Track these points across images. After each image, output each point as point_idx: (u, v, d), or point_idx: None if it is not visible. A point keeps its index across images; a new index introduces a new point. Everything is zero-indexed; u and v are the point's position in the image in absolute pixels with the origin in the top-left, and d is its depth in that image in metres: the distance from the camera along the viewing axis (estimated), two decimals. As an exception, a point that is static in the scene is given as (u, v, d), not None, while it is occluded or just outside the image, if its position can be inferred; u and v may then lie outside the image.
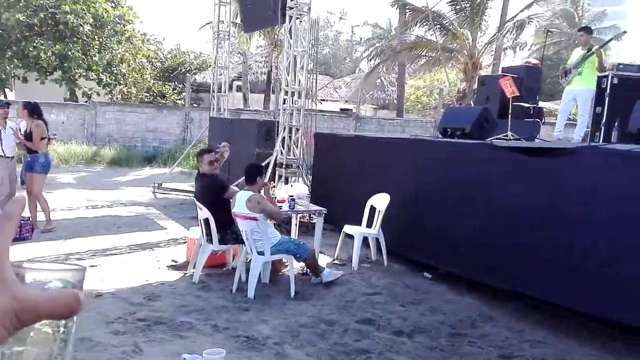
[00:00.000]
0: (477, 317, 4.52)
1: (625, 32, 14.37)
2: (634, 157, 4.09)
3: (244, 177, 5.40)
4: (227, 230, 5.22)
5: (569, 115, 7.78)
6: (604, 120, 8.14)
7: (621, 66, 8.81)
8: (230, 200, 5.25)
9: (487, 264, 5.08)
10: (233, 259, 5.57)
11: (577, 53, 7.56)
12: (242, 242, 5.03)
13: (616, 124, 6.86)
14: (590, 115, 7.48)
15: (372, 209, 6.13)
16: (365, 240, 6.08)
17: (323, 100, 23.17)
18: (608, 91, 8.24)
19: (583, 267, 4.21)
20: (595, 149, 4.62)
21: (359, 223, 6.19)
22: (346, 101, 25.20)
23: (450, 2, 16.76)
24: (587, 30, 7.83)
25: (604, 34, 23.97)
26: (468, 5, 16.61)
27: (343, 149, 7.99)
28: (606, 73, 8.67)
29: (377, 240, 6.03)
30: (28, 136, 6.54)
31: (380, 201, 6.03)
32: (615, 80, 8.28)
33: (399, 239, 6.10)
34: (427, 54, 17.53)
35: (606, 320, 4.15)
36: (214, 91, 11.50)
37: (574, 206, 4.36)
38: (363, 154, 7.37)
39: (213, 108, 11.53)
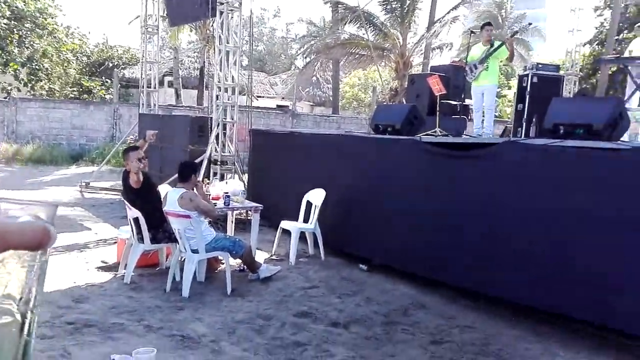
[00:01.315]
0: (410, 305, 4.68)
1: (530, 23, 15.42)
2: (549, 151, 4.38)
3: (176, 175, 5.29)
4: (159, 229, 5.09)
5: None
6: (525, 117, 8.64)
7: (540, 66, 9.38)
8: (161, 198, 5.13)
9: (416, 255, 5.27)
10: (166, 258, 5.45)
11: (479, 49, 7.59)
12: (175, 240, 4.93)
13: (534, 119, 7.29)
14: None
15: (309, 204, 6.19)
16: (302, 235, 6.12)
17: (259, 96, 23.02)
18: (528, 89, 8.75)
19: (501, 254, 4.47)
20: (515, 144, 4.89)
21: (296, 219, 6.23)
22: (282, 98, 25.17)
23: (381, 2, 17.13)
24: (491, 25, 7.98)
25: (525, 35, 25.37)
26: (398, 6, 17.04)
27: (279, 145, 8.00)
28: (526, 72, 9.21)
29: (314, 234, 6.10)
30: None
31: (316, 196, 6.09)
32: (535, 79, 8.82)
33: (335, 233, 6.20)
34: (360, 52, 17.83)
35: (525, 305, 4.42)
36: (143, 86, 11.15)
37: (496, 198, 4.62)
38: (299, 150, 7.42)
39: (143, 104, 11.18)
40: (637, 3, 18.06)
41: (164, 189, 5.71)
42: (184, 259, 4.91)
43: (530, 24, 15.90)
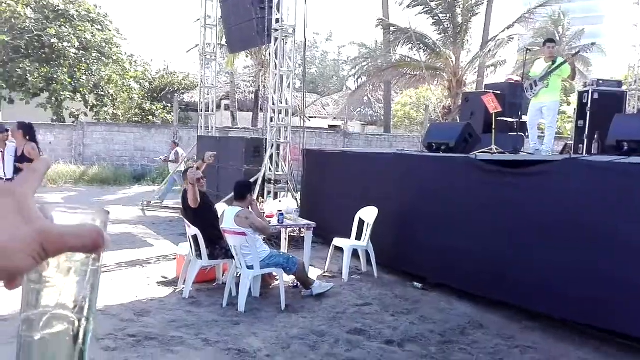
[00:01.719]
0: (467, 324, 4.57)
1: (594, 43, 14.84)
2: (612, 169, 4.22)
3: (232, 194, 5.44)
4: (216, 246, 5.24)
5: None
6: (586, 133, 8.35)
7: (601, 82, 9.07)
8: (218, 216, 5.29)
9: (473, 273, 5.15)
10: (223, 274, 5.59)
11: (541, 65, 7.34)
12: (232, 257, 5.05)
13: (596, 136, 7.03)
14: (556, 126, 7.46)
15: (361, 222, 6.20)
16: (355, 252, 6.13)
17: (312, 117, 23.36)
18: (589, 106, 8.48)
19: (572, 277, 4.30)
20: (577, 161, 4.74)
21: (348, 236, 6.24)
22: (334, 118, 25.42)
23: (433, 22, 17.09)
24: (554, 42, 7.71)
25: (583, 52, 24.55)
26: (450, 26, 16.95)
27: (331, 164, 8.08)
28: (587, 88, 8.91)
29: (367, 252, 6.09)
30: (20, 157, 6.50)
31: (368, 214, 6.10)
32: (596, 95, 8.54)
33: (388, 251, 6.17)
34: (411, 72, 17.80)
35: (599, 328, 4.22)
36: (201, 110, 11.58)
37: (558, 216, 4.47)
38: (351, 168, 7.46)
39: (201, 127, 11.60)
40: None
41: (220, 207, 5.88)
42: (240, 275, 5.01)
43: (594, 43, 15.36)
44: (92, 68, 19.23)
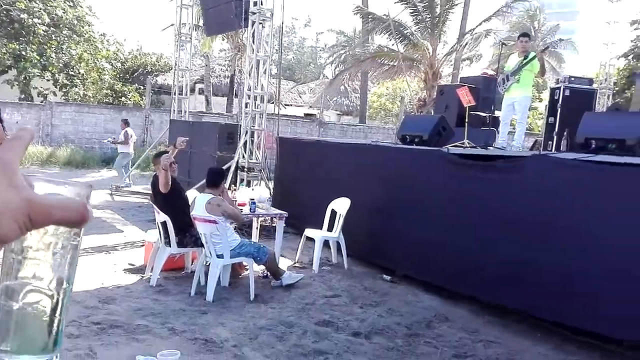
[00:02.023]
0: (433, 318, 4.63)
1: (561, 39, 15.15)
2: (579, 166, 4.29)
3: (204, 180, 5.37)
4: (186, 233, 5.17)
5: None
6: (556, 130, 8.49)
7: (573, 79, 9.22)
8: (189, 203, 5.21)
9: (441, 267, 5.22)
10: (192, 262, 5.52)
11: (514, 59, 7.43)
12: (201, 245, 5.00)
13: (565, 133, 7.16)
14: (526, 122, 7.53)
15: (333, 213, 6.20)
16: (326, 243, 6.13)
17: (287, 105, 23.20)
18: (560, 102, 8.62)
19: (526, 268, 4.39)
20: (545, 157, 4.81)
21: (320, 227, 6.24)
22: (310, 106, 25.31)
23: (411, 12, 17.09)
24: (529, 36, 7.76)
25: (558, 48, 24.97)
26: (429, 17, 16.98)
27: (305, 154, 8.05)
28: (558, 85, 9.06)
29: (338, 243, 6.10)
30: None
31: (341, 205, 6.10)
32: (567, 92, 8.68)
33: (359, 243, 6.19)
34: (389, 63, 17.81)
35: (558, 324, 4.32)
36: (175, 93, 11.37)
37: (523, 212, 4.54)
38: (325, 158, 7.44)
39: (174, 110, 11.40)
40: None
41: (192, 194, 5.80)
42: (209, 264, 4.97)
43: (561, 39, 15.65)
44: (62, 46, 18.67)
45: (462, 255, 5.04)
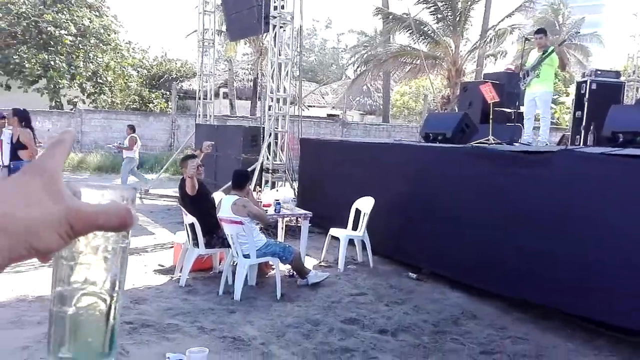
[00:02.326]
0: (460, 315, 4.62)
1: (578, 32, 14.81)
2: (605, 160, 4.23)
3: (230, 183, 5.46)
4: (213, 235, 5.27)
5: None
6: (583, 124, 8.36)
7: (599, 72, 9.06)
8: (215, 204, 5.31)
9: (467, 264, 5.19)
10: (220, 262, 5.62)
11: (534, 55, 7.45)
12: (228, 245, 5.08)
13: (592, 127, 7.04)
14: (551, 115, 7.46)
15: (358, 212, 6.23)
16: (351, 242, 6.16)
17: (310, 106, 23.31)
18: (587, 96, 8.48)
19: (565, 269, 4.33)
20: (571, 152, 4.76)
21: (345, 226, 6.28)
22: (333, 107, 25.37)
23: (431, 12, 16.99)
24: (544, 32, 7.74)
25: (584, 41, 24.48)
26: (450, 14, 16.85)
27: (328, 154, 8.09)
28: (585, 79, 8.91)
29: (363, 242, 6.13)
30: (16, 144, 6.52)
31: (365, 204, 6.13)
32: (594, 86, 8.53)
33: (384, 241, 6.20)
34: (411, 61, 17.73)
35: (590, 320, 4.26)
36: (199, 98, 11.56)
37: (550, 207, 4.49)
38: (348, 158, 7.48)
39: (199, 115, 11.59)
40: None
41: (218, 196, 5.91)
42: (236, 264, 5.05)
43: (577, 32, 15.36)
44: (89, 55, 19.15)
45: (487, 251, 5.00)
